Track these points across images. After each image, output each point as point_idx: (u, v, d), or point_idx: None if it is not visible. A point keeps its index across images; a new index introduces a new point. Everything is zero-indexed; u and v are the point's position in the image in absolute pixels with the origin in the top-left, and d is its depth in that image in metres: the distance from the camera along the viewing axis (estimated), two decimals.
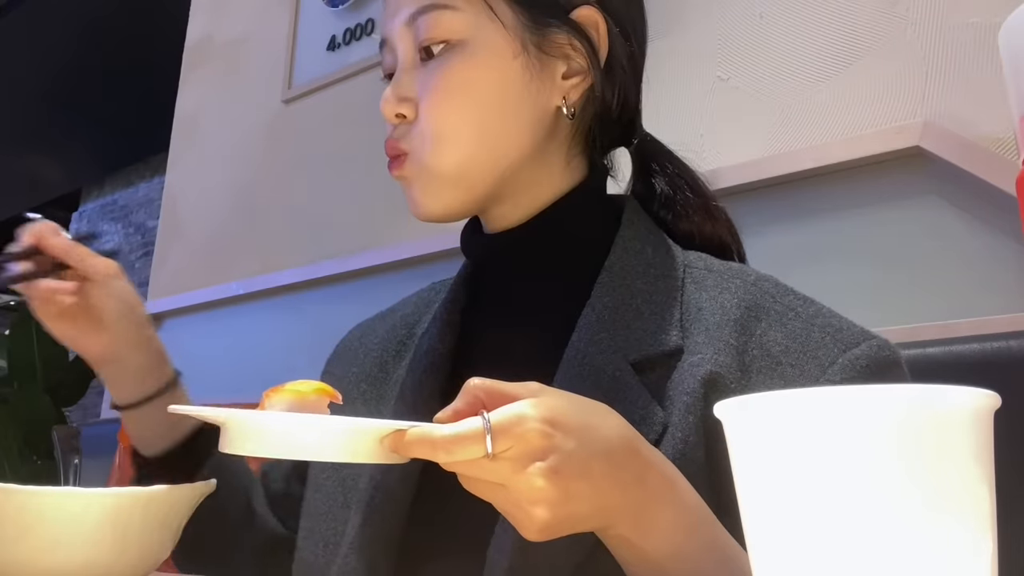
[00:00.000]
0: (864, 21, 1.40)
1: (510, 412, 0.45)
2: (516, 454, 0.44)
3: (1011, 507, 0.40)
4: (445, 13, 0.65)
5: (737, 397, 0.33)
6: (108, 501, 0.54)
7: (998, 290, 1.19)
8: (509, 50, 0.65)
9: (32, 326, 4.06)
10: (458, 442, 0.44)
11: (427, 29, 0.65)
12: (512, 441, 0.44)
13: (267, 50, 2.56)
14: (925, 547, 0.29)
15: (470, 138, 0.65)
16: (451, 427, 0.45)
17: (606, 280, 0.66)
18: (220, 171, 2.62)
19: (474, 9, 0.65)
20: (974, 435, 0.30)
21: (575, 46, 0.67)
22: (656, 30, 0.75)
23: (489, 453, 0.44)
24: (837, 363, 0.58)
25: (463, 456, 0.44)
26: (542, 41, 0.66)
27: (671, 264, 0.67)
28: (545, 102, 0.67)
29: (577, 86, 0.67)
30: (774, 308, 0.62)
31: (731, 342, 0.60)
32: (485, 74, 0.65)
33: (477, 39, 0.65)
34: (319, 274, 2.16)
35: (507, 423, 0.44)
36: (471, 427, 0.44)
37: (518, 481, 0.44)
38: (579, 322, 0.64)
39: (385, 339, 0.79)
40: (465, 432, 0.44)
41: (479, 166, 0.66)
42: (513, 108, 0.66)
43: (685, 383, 0.59)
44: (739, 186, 1.43)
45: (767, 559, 0.32)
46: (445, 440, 0.44)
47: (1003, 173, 1.18)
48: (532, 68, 0.66)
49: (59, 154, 6.30)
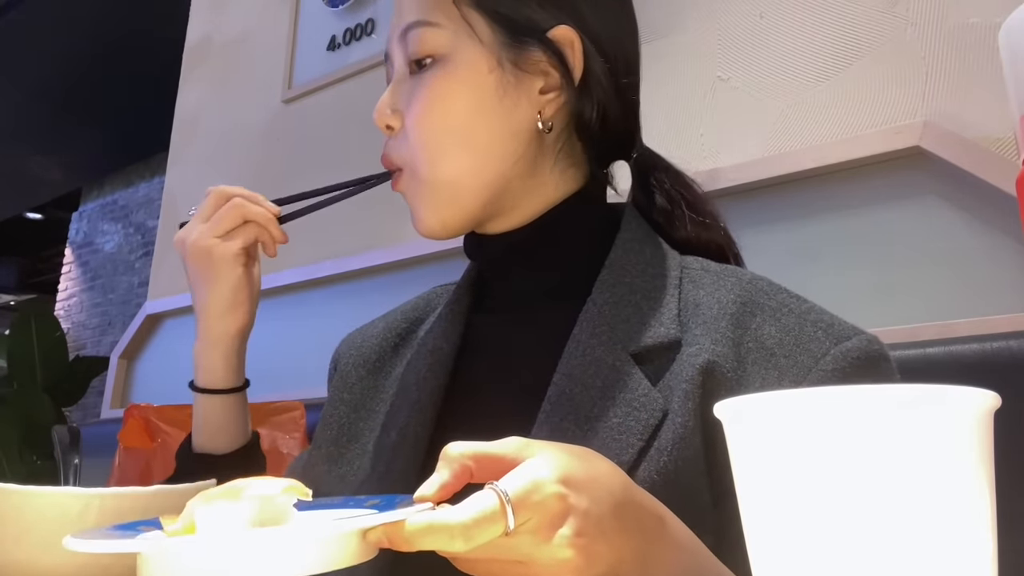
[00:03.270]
0: (864, 21, 1.40)
1: (526, 480, 0.41)
2: (536, 525, 0.40)
3: (1011, 507, 0.40)
4: (429, 30, 0.69)
5: (737, 397, 0.33)
6: (108, 501, 0.54)
7: (998, 290, 1.19)
8: (484, 65, 0.68)
9: (32, 326, 4.07)
10: (479, 525, 0.39)
11: (414, 43, 0.70)
12: (531, 512, 0.40)
13: (267, 50, 2.56)
14: (925, 547, 0.29)
15: (450, 147, 0.68)
16: (466, 509, 0.40)
17: (606, 277, 0.68)
18: (220, 171, 2.62)
19: (455, 26, 0.69)
20: (974, 435, 0.30)
21: (552, 63, 0.70)
22: (656, 30, 0.75)
23: (510, 529, 0.40)
24: (829, 355, 0.60)
25: (484, 539, 0.39)
26: (519, 58, 0.69)
27: (669, 264, 0.70)
28: (522, 116, 0.70)
29: (551, 101, 0.70)
30: (768, 304, 0.64)
31: (728, 334, 0.62)
32: (460, 87, 0.68)
33: (457, 54, 0.69)
34: (319, 274, 2.16)
35: (525, 493, 0.40)
36: (488, 505, 0.40)
37: (542, 554, 0.41)
38: (580, 316, 0.66)
39: (385, 330, 0.81)
40: (485, 512, 0.39)
41: (465, 176, 0.69)
42: (487, 120, 0.69)
43: (683, 372, 0.61)
44: (739, 186, 1.44)
45: (767, 559, 0.32)
46: (464, 526, 0.39)
47: (1003, 173, 1.18)
48: (507, 83, 0.69)
49: (59, 154, 6.30)
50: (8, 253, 8.50)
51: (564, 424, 0.61)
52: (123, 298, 6.15)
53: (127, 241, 6.34)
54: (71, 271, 6.82)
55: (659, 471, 0.57)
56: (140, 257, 6.09)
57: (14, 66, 5.11)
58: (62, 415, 3.91)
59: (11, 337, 4.06)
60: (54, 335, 4.17)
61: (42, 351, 4.04)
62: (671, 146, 0.77)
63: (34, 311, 4.27)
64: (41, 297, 8.15)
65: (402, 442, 0.68)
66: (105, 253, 6.50)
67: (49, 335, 4.12)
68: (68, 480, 1.27)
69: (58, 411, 3.87)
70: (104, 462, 1.68)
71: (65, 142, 6.09)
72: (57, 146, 6.17)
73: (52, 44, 4.93)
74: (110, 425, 1.90)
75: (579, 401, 0.62)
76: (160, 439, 1.67)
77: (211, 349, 0.78)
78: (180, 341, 2.55)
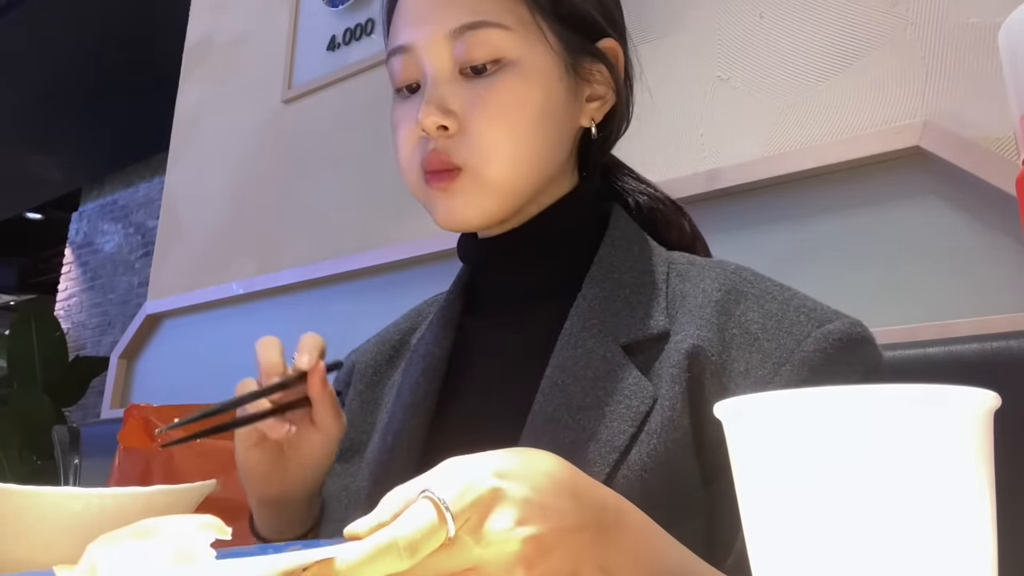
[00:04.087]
0: (864, 21, 1.40)
1: (459, 482, 0.39)
2: (475, 524, 0.39)
3: (1011, 507, 0.40)
4: (497, 32, 0.67)
5: (737, 397, 0.33)
6: (108, 501, 0.54)
7: (998, 290, 1.19)
8: (556, 71, 0.69)
9: (32, 326, 4.07)
10: (422, 536, 0.37)
11: (477, 46, 0.66)
12: (469, 511, 0.39)
13: (267, 50, 2.56)
14: (925, 547, 0.29)
15: (522, 153, 0.68)
16: (405, 524, 0.37)
17: (596, 273, 0.69)
18: (220, 171, 2.62)
19: (526, 30, 0.68)
20: (974, 435, 0.30)
21: (601, 71, 0.72)
22: (656, 30, 0.77)
23: (450, 536, 0.37)
24: (811, 336, 0.61)
25: (429, 550, 0.37)
26: (578, 65, 0.71)
27: (656, 260, 0.71)
28: (575, 121, 0.72)
29: (600, 108, 0.73)
30: (751, 292, 0.65)
31: (712, 320, 0.63)
32: (536, 93, 0.68)
33: (529, 59, 0.68)
34: (319, 274, 2.16)
35: (459, 494, 0.38)
36: (426, 514, 0.38)
37: (489, 553, 0.39)
38: (571, 311, 0.67)
39: (379, 344, 0.82)
40: (424, 521, 0.37)
41: (524, 179, 0.69)
42: (556, 126, 0.70)
43: (671, 358, 0.62)
44: (739, 186, 1.44)
45: (767, 558, 0.32)
46: (409, 541, 0.36)
47: (1003, 173, 1.18)
48: (571, 89, 0.70)
49: (59, 154, 6.30)
50: (8, 253, 8.50)
51: (557, 413, 0.62)
52: (123, 298, 6.15)
53: (127, 241, 6.34)
54: (71, 271, 6.82)
55: (650, 454, 0.59)
56: (140, 257, 6.09)
57: (14, 66, 5.11)
58: (62, 415, 3.91)
59: (11, 337, 4.07)
60: (54, 335, 4.18)
61: (42, 351, 4.04)
62: (671, 146, 0.78)
63: (34, 311, 4.27)
64: (41, 297, 8.15)
65: (397, 446, 0.68)
66: (105, 253, 6.50)
67: (49, 335, 4.12)
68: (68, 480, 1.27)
69: (58, 411, 3.87)
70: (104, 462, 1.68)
71: (65, 142, 6.09)
72: (57, 146, 6.17)
73: (52, 44, 4.93)
74: (110, 425, 1.90)
75: (571, 391, 0.63)
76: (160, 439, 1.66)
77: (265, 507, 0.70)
78: (180, 341, 2.55)
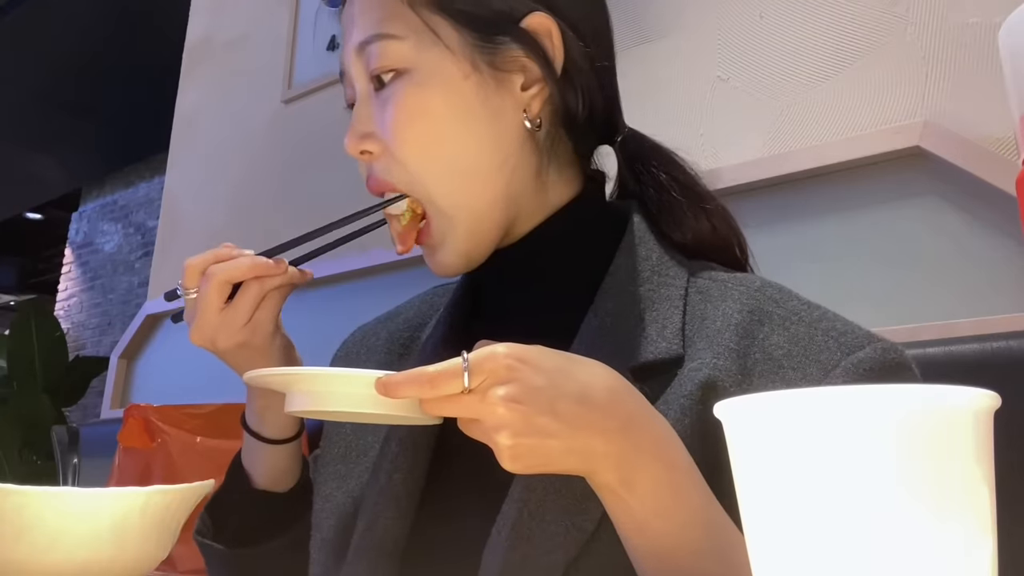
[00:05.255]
0: (864, 21, 1.40)
1: (486, 350, 0.49)
2: (484, 386, 0.48)
3: (1011, 507, 0.40)
4: (389, 43, 0.64)
5: (737, 397, 0.33)
6: (107, 501, 0.54)
7: (998, 290, 1.19)
8: (458, 72, 0.64)
9: (32, 326, 4.07)
10: (441, 377, 0.48)
11: (375, 59, 0.64)
12: (483, 375, 0.48)
13: (267, 50, 2.55)
14: (925, 547, 0.29)
15: (444, 164, 0.65)
16: (435, 366, 0.49)
17: (610, 284, 0.66)
18: (220, 171, 2.62)
19: (417, 36, 0.64)
20: (974, 435, 0.30)
21: (530, 56, 0.65)
22: (656, 30, 0.75)
23: (466, 388, 0.48)
24: (839, 367, 0.57)
25: (445, 391, 0.48)
26: (494, 58, 0.65)
27: (675, 272, 0.66)
28: (510, 118, 0.66)
29: (536, 96, 0.66)
30: (777, 313, 0.61)
31: (731, 346, 0.60)
32: (435, 98, 0.64)
33: (424, 65, 0.64)
34: (319, 274, 2.15)
35: (481, 359, 0.48)
36: (451, 364, 0.49)
37: (482, 410, 0.48)
38: (581, 328, 0.64)
39: (389, 340, 0.79)
40: (447, 368, 0.48)
41: (477, 196, 0.65)
42: (475, 129, 0.65)
43: (683, 387, 0.59)
44: (739, 186, 1.43)
45: (767, 558, 0.32)
46: (430, 376, 0.49)
47: (1003, 173, 1.18)
48: (486, 86, 0.64)
49: (59, 154, 6.30)
50: (8, 253, 8.50)
51: None
52: (123, 298, 6.15)
53: (127, 241, 6.34)
54: (71, 271, 6.82)
55: None
56: (140, 257, 6.09)
57: (14, 66, 5.11)
58: (62, 415, 3.91)
59: (11, 337, 4.07)
60: (54, 335, 4.18)
61: (42, 351, 4.04)
62: (671, 146, 0.76)
63: (34, 311, 4.27)
64: (41, 297, 8.14)
65: (401, 452, 0.67)
66: (105, 253, 6.50)
67: (49, 335, 4.12)
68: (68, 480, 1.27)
69: (58, 411, 3.87)
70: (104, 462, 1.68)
71: (65, 142, 6.09)
72: (57, 146, 6.16)
73: (52, 44, 4.93)
74: (110, 425, 1.90)
75: None
76: (160, 439, 1.66)
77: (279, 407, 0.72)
78: (180, 341, 2.55)
